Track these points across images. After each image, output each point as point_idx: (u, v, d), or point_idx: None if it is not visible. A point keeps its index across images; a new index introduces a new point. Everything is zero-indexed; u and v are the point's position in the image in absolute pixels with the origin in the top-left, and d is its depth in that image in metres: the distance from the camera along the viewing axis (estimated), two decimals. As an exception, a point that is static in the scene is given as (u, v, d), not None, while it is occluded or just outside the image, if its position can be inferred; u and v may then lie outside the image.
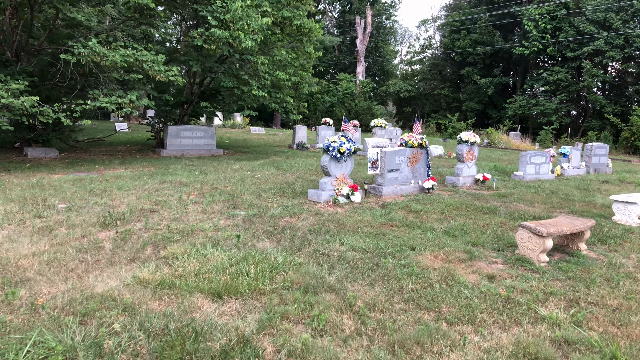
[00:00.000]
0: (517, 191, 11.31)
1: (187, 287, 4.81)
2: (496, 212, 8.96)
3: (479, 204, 9.58)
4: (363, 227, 7.51)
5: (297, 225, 7.45)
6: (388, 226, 7.74)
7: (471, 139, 11.70)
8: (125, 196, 9.05)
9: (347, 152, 9.28)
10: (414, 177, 10.71)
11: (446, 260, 6.09)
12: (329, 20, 62.81)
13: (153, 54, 12.41)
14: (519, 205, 9.69)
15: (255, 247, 6.33)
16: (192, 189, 9.93)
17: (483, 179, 11.74)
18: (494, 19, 44.26)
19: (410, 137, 10.64)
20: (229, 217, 7.85)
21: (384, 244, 6.62)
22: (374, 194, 10.22)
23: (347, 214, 8.42)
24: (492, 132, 29.23)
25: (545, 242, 6.01)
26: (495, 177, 13.22)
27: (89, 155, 14.97)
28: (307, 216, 8.06)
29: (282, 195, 9.68)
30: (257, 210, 8.33)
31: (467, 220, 8.27)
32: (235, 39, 13.26)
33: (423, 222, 7.99)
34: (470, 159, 11.94)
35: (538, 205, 9.77)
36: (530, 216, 8.64)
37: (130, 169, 12.40)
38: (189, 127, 16.34)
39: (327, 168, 9.28)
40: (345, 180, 9.55)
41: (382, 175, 10.21)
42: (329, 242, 6.58)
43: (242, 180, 11.08)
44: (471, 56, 44.49)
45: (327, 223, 7.63)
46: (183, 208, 8.35)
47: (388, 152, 10.12)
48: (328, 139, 9.30)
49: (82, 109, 11.75)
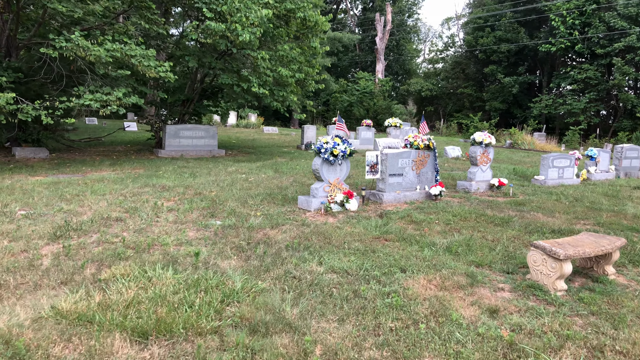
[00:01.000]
0: (537, 198, 10.15)
1: (108, 324, 3.89)
2: (510, 223, 7.86)
3: (491, 213, 8.48)
4: (352, 241, 6.51)
5: (275, 239, 6.49)
6: (381, 240, 6.73)
7: (485, 139, 10.58)
8: (96, 202, 8.21)
9: (342, 154, 8.29)
10: (420, 183, 9.65)
11: (441, 286, 5.05)
12: (350, 18, 61.79)
13: (143, 48, 11.60)
14: (537, 215, 8.56)
15: (217, 266, 5.39)
16: (173, 194, 9.05)
17: (499, 184, 10.62)
18: (519, 15, 42.63)
19: (415, 137, 9.58)
20: (201, 228, 6.93)
21: (371, 263, 5.62)
22: (374, 200, 9.20)
23: (338, 224, 7.43)
24: (515, 132, 27.84)
25: (563, 266, 4.93)
26: (513, 182, 12.05)
27: (83, 155, 14.26)
28: (290, 227, 7.09)
29: (271, 202, 8.73)
30: (235, 219, 7.39)
31: (475, 233, 7.20)
32: (232, 32, 12.36)
33: (423, 236, 6.95)
34: (485, 162, 10.81)
35: (559, 216, 8.62)
36: (549, 229, 7.51)
37: (117, 171, 11.60)
38: (188, 126, 15.51)
39: (319, 172, 8.30)
40: (340, 186, 8.55)
41: (383, 180, 9.18)
42: (306, 262, 5.60)
43: (232, 185, 10.17)
44: (495, 54, 42.92)
45: (310, 236, 6.65)
46: (154, 216, 7.47)
47: (389, 155, 9.09)
48: (320, 140, 8.32)
49: (65, 106, 10.97)
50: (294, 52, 14.16)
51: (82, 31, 11.70)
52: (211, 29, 12.32)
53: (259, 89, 13.46)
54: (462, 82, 48.23)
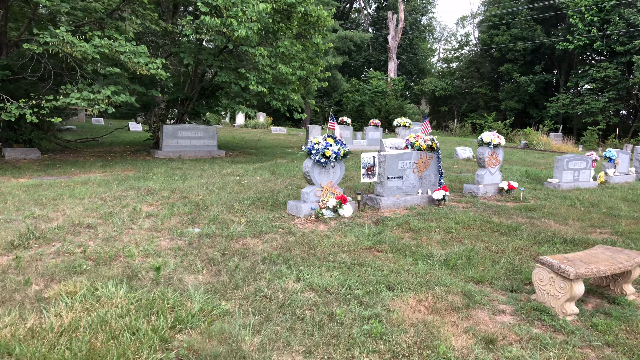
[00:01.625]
0: (549, 203, 9.41)
1: (30, 356, 3.31)
2: (518, 231, 7.16)
3: (497, 220, 7.78)
4: (339, 252, 5.88)
5: (254, 250, 5.88)
6: (373, 251, 6.09)
7: (494, 140, 9.87)
8: (72, 206, 7.68)
9: (335, 156, 7.65)
10: (422, 186, 8.98)
11: (433, 308, 4.41)
12: (364, 17, 61.06)
13: (134, 44, 11.07)
14: (548, 223, 7.84)
15: (180, 283, 4.79)
16: (157, 198, 8.50)
17: (508, 187, 9.89)
18: (536, 13, 41.55)
19: (417, 137, 8.91)
20: (176, 237, 6.35)
21: (356, 280, 4.98)
22: (372, 205, 8.55)
23: (327, 232, 6.80)
24: (531, 132, 26.92)
25: (574, 287, 4.25)
26: (525, 186, 11.32)
27: (77, 156, 13.79)
28: (274, 236, 6.48)
29: (259, 207, 8.13)
30: (216, 227, 6.80)
31: (478, 243, 6.52)
32: (228, 27, 11.79)
33: (420, 246, 6.30)
34: (494, 163, 10.10)
35: (572, 223, 7.89)
36: (560, 239, 6.80)
37: (106, 173, 11.09)
38: (187, 126, 14.98)
39: (310, 175, 7.67)
40: (333, 190, 7.92)
41: (381, 183, 8.53)
42: (282, 277, 4.99)
43: (222, 188, 9.59)
44: (511, 52, 41.90)
45: (293, 247, 6.03)
46: (130, 223, 6.91)
47: (388, 156, 8.43)
48: (311, 140, 7.69)
49: (51, 105, 10.49)
50: (294, 49, 13.54)
51: (76, 28, 11.22)
52: (206, 24, 11.76)
53: (257, 86, 12.86)
54: (476, 82, 47.24)
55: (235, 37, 11.89)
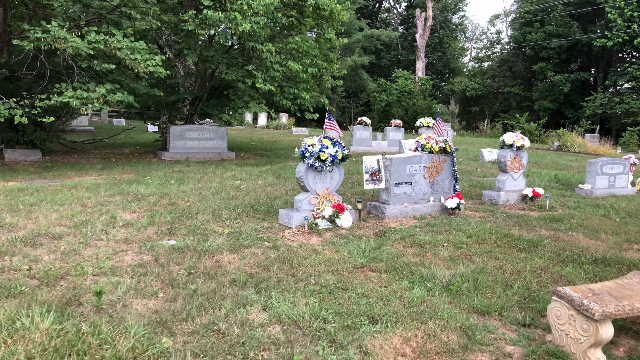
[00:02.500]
0: (579, 213, 8.38)
1: None
2: (539, 247, 6.21)
3: (517, 233, 6.83)
4: (323, 273, 5.07)
5: (226, 269, 5.12)
6: (365, 271, 5.26)
7: (517, 142, 8.88)
8: (48, 213, 7.07)
9: (332, 159, 6.84)
10: (434, 193, 8.08)
11: (421, 350, 3.56)
12: (393, 16, 59.94)
13: (131, 40, 10.48)
14: (576, 237, 6.86)
15: (126, 310, 4.07)
16: (143, 205, 7.83)
17: (533, 195, 8.89)
18: (572, 8, 39.77)
19: (428, 139, 8.02)
20: (144, 251, 5.64)
21: (334, 309, 4.17)
22: (376, 215, 7.70)
23: (318, 247, 5.99)
24: (565, 133, 25.48)
25: (600, 329, 3.34)
26: (553, 192, 10.27)
27: (80, 158, 13.32)
28: (254, 251, 5.71)
29: (250, 215, 7.37)
30: (194, 239, 6.08)
31: (491, 262, 5.62)
32: (232, 21, 11.10)
33: (422, 265, 5.44)
34: (517, 168, 9.11)
35: (605, 237, 6.88)
36: (589, 257, 5.83)
37: (103, 176, 10.52)
38: (195, 127, 14.36)
39: (304, 181, 6.88)
40: (331, 198, 7.10)
41: (386, 190, 7.67)
42: (247, 305, 4.21)
43: (217, 193, 8.89)
44: (545, 50, 40.24)
45: (272, 265, 5.24)
46: (102, 233, 6.25)
47: (395, 160, 7.56)
48: (305, 142, 6.90)
49: (44, 104, 9.98)
50: (306, 45, 12.76)
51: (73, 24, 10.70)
52: (209, 19, 11.10)
53: (265, 85, 12.13)
54: (509, 81, 45.66)
55: (239, 32, 11.18)
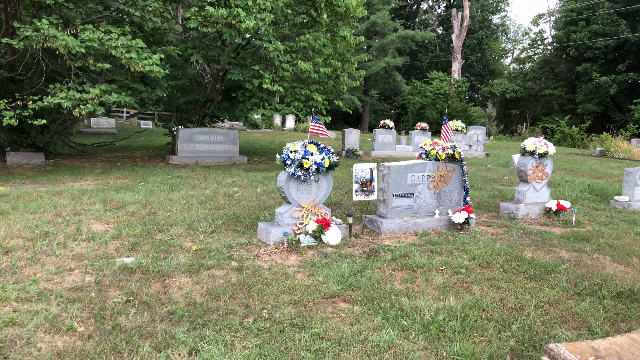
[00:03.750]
0: (610, 230, 7.31)
1: None
2: (553, 274, 5.26)
3: (530, 255, 5.88)
4: (284, 304, 4.29)
5: (170, 296, 4.41)
6: (337, 302, 4.46)
7: (540, 148, 7.87)
8: (13, 223, 6.55)
9: (317, 167, 6.05)
10: (440, 205, 7.18)
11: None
12: (432, 17, 58.54)
13: (129, 38, 9.96)
14: (602, 261, 5.84)
15: (24, 351, 3.40)
16: (120, 214, 7.24)
17: (557, 208, 7.85)
18: (619, 6, 37.66)
19: (434, 145, 7.12)
20: (92, 270, 4.99)
21: (276, 357, 3.39)
22: (372, 229, 6.86)
23: (291, 269, 5.22)
24: (608, 138, 23.84)
25: (600, 409, 2.45)
26: (584, 204, 9.19)
27: (85, 162, 12.92)
28: (215, 273, 4.99)
29: (230, 229, 6.66)
30: (153, 256, 5.40)
31: (491, 292, 4.72)
32: (235, 18, 10.45)
33: (408, 294, 4.60)
34: (539, 177, 8.09)
35: (638, 262, 5.84)
36: (613, 290, 4.84)
37: (97, 181, 10.03)
38: (205, 130, 13.79)
39: (285, 191, 6.11)
40: (317, 210, 6.31)
41: (384, 202, 6.82)
42: (169, 348, 3.48)
43: (205, 202, 8.23)
44: (590, 50, 38.28)
45: (226, 293, 4.50)
46: (59, 248, 5.66)
47: (393, 168, 6.71)
48: (287, 148, 6.14)
49: (37, 106, 9.55)
50: (318, 43, 11.99)
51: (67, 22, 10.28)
52: (212, 16, 10.48)
53: (273, 85, 11.43)
54: (551, 83, 43.73)
55: (243, 29, 10.52)
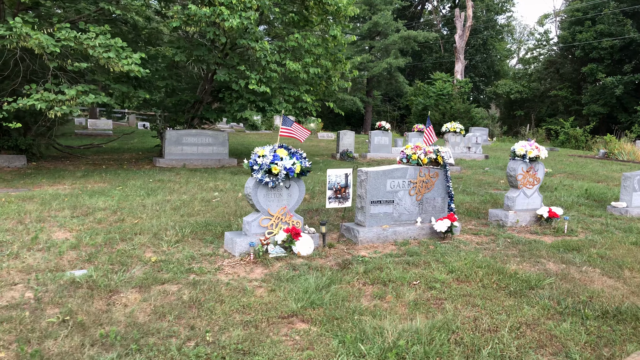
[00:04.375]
0: (604, 239, 6.89)
1: None
2: (536, 290, 4.86)
3: (514, 268, 5.48)
4: (233, 325, 3.94)
5: (112, 316, 4.06)
6: (295, 321, 4.09)
7: (530, 152, 7.46)
8: (-29, 231, 6.22)
9: (286, 173, 5.67)
10: (422, 213, 6.79)
11: None
12: (436, 18, 58.03)
13: (108, 37, 9.64)
14: (591, 274, 5.44)
15: None
16: (86, 222, 6.90)
17: (549, 215, 7.44)
18: (625, 5, 37.05)
19: (415, 149, 6.74)
20: (33, 285, 4.64)
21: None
22: (349, 239, 6.49)
23: (253, 284, 4.86)
24: (612, 140, 23.32)
25: None
26: (581, 210, 8.77)
27: (69, 164, 12.59)
28: (168, 289, 4.63)
29: (197, 237, 6.30)
30: (108, 268, 5.05)
31: (466, 310, 4.34)
32: (218, 16, 10.11)
33: (374, 312, 4.23)
34: (530, 183, 7.69)
35: (629, 275, 5.43)
36: (599, 307, 4.45)
37: (75, 185, 9.69)
38: (193, 131, 13.45)
39: (252, 199, 5.74)
40: (288, 219, 5.94)
41: (362, 209, 6.44)
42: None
43: (179, 208, 7.88)
44: (595, 51, 37.67)
45: (173, 312, 4.14)
46: (10, 258, 5.33)
47: (372, 174, 6.33)
48: (255, 152, 5.78)
49: (12, 107, 9.25)
50: (308, 42, 11.62)
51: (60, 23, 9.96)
52: (194, 14, 10.15)
53: (260, 86, 11.07)
54: (556, 84, 43.13)
55: (227, 28, 10.18)
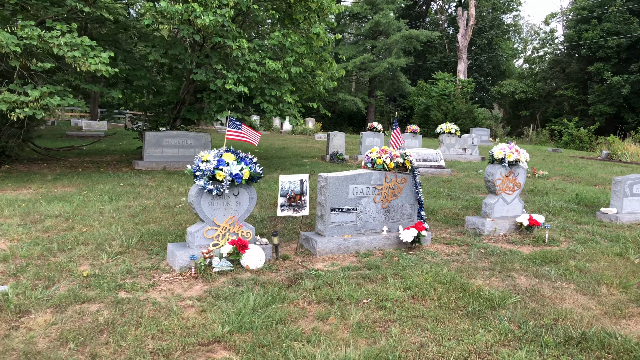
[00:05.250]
0: (586, 250, 6.38)
1: None
2: (498, 310, 4.38)
3: (479, 283, 5.00)
4: (145, 354, 3.50)
5: (9, 344, 3.63)
6: (217, 349, 3.67)
7: (509, 155, 6.97)
8: None
9: (232, 179, 5.22)
10: (389, 221, 6.32)
11: None
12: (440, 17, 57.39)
13: (74, 35, 9.25)
14: (563, 291, 4.94)
15: None
16: (32, 230, 6.49)
17: (529, 223, 6.94)
18: (632, 4, 36.28)
19: (381, 153, 6.27)
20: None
21: None
22: (308, 248, 6.03)
23: (185, 302, 4.43)
24: (615, 140, 22.64)
25: None
26: (569, 216, 8.26)
27: (45, 167, 12.21)
28: (86, 309, 4.19)
29: (144, 249, 5.87)
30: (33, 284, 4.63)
31: (412, 335, 3.88)
32: (191, 13, 9.69)
33: (309, 338, 3.79)
34: (510, 188, 7.19)
35: (606, 292, 4.92)
36: (563, 333, 3.96)
37: (41, 190, 9.28)
38: (173, 133, 13.04)
39: (195, 207, 5.29)
40: (237, 229, 5.48)
41: (322, 217, 5.98)
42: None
43: (138, 215, 7.45)
44: (602, 50, 36.90)
45: (79, 337, 3.71)
46: None
47: (331, 180, 5.86)
48: (199, 157, 5.33)
49: (-26, 110, 8.87)
50: (288, 41, 11.16)
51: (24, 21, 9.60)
52: (167, 11, 9.74)
53: (238, 86, 10.62)
54: (561, 83, 42.36)
55: (200, 25, 9.75)
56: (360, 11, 39.49)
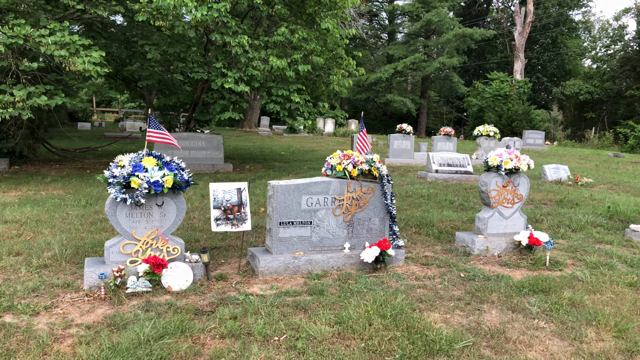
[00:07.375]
0: (593, 277, 5.26)
1: None
2: (436, 359, 3.48)
3: (431, 319, 4.09)
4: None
5: None
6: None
7: (507, 163, 5.93)
8: None
9: (150, 187, 4.56)
10: (353, 237, 5.47)
11: None
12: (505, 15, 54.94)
13: (65, 34, 8.96)
14: (537, 332, 3.95)
15: None
16: (-20, 236, 6.12)
17: (529, 242, 5.87)
18: None
19: (342, 158, 5.42)
20: None
21: None
22: (252, 268, 5.28)
23: (69, 330, 3.82)
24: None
25: None
26: (593, 232, 7.07)
27: (52, 169, 12.06)
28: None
29: (72, 262, 5.34)
30: None
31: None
32: (183, 8, 9.19)
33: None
34: (508, 200, 6.14)
35: (593, 338, 3.88)
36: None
37: (30, 192, 9.05)
38: (184, 135, 12.61)
39: (110, 219, 4.67)
40: (162, 244, 4.82)
41: (270, 231, 5.23)
42: None
43: (97, 223, 6.97)
44: (677, 45, 33.89)
45: None
46: None
47: (279, 188, 5.09)
48: (115, 161, 4.72)
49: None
50: (296, 37, 10.44)
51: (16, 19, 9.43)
52: (161, 7, 9.28)
53: (239, 85, 10.02)
54: (633, 83, 39.26)
55: (194, 21, 9.22)
56: (412, 10, 38.22)
